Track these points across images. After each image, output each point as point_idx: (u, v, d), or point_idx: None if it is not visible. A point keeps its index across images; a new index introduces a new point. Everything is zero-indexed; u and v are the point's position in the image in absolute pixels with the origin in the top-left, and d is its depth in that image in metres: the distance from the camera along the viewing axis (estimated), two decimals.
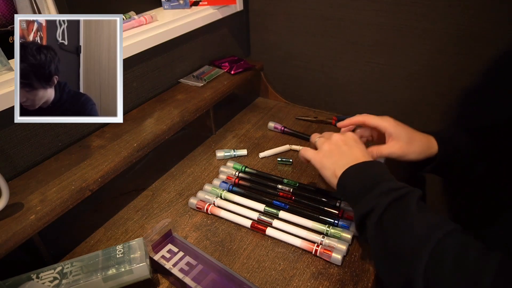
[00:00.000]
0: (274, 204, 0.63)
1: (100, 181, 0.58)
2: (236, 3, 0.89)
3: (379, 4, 0.80)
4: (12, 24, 0.60)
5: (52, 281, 0.46)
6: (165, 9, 0.85)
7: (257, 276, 0.52)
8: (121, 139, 0.66)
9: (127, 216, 0.65)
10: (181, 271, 0.51)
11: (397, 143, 0.54)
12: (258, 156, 0.78)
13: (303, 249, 0.56)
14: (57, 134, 0.64)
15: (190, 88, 0.84)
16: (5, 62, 0.54)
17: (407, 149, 0.54)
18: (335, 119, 0.87)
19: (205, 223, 0.62)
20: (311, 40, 0.95)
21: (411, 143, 0.54)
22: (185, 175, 0.73)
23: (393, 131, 0.54)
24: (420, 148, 0.54)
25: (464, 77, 0.78)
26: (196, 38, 0.88)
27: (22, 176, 0.59)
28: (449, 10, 0.73)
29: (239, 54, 1.04)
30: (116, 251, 0.50)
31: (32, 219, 0.50)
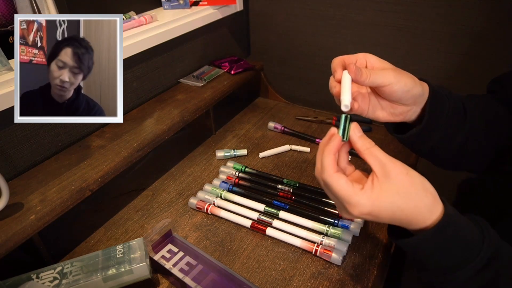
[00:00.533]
0: (274, 204, 0.63)
1: (100, 181, 0.58)
2: (236, 3, 0.89)
3: (379, 4, 0.80)
4: (12, 24, 0.60)
5: (52, 281, 0.46)
6: (165, 9, 0.85)
7: (257, 276, 0.52)
8: (121, 139, 0.66)
9: (127, 216, 0.65)
10: (181, 271, 0.51)
11: (388, 69, 0.45)
12: (258, 156, 0.78)
13: (303, 249, 0.56)
14: (57, 134, 0.64)
15: (190, 88, 0.84)
16: (5, 62, 0.54)
17: (399, 76, 0.44)
18: (335, 119, 0.87)
19: (205, 223, 0.62)
20: (311, 40, 0.95)
21: (400, 73, 0.45)
22: (185, 175, 0.74)
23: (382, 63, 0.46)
24: (410, 80, 0.45)
25: (464, 77, 0.78)
26: (196, 38, 0.88)
27: (22, 176, 0.59)
28: (449, 10, 0.74)
29: (239, 54, 1.04)
30: (116, 251, 0.50)
31: (32, 219, 0.50)
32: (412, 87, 0.45)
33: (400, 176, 0.38)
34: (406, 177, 0.38)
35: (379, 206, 0.38)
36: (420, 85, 0.46)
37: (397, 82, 0.44)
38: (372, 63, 0.46)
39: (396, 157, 0.39)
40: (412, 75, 0.46)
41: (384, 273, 0.56)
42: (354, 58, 0.46)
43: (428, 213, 0.38)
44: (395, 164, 0.38)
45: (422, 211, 0.38)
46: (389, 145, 0.78)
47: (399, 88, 0.44)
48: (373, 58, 0.46)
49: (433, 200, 0.39)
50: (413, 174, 0.38)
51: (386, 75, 0.44)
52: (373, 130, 0.84)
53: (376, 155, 0.38)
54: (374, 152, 0.39)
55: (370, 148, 0.39)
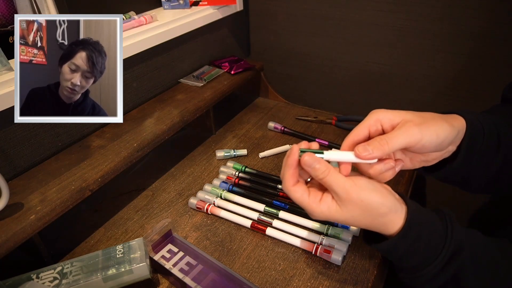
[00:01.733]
0: (274, 204, 0.63)
1: (100, 181, 0.59)
2: (236, 3, 0.89)
3: (379, 4, 0.80)
4: (12, 24, 0.60)
5: (52, 281, 0.46)
6: (165, 9, 0.85)
7: (257, 276, 0.52)
8: (121, 139, 0.66)
9: (127, 216, 0.65)
10: (181, 271, 0.51)
11: (409, 124, 0.38)
12: (258, 156, 0.78)
13: (303, 249, 0.56)
14: (57, 134, 0.64)
15: (190, 88, 0.84)
16: (5, 62, 0.54)
17: (424, 128, 0.38)
18: (335, 119, 0.87)
19: (205, 223, 0.62)
20: (311, 40, 0.95)
21: (426, 121, 0.38)
22: (185, 175, 0.74)
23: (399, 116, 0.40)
24: (441, 128, 0.38)
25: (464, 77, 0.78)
26: (196, 38, 0.88)
27: (22, 176, 0.59)
28: (449, 10, 0.74)
29: (239, 54, 1.04)
30: (116, 251, 0.50)
31: (32, 219, 0.50)
32: (447, 134, 0.39)
33: (353, 205, 0.39)
34: (360, 204, 0.39)
35: (336, 217, 0.41)
36: (453, 126, 0.40)
37: (425, 136, 0.38)
38: (389, 122, 0.40)
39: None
40: (441, 116, 0.40)
41: (384, 273, 0.56)
42: (365, 130, 0.40)
43: (390, 224, 0.40)
44: (348, 193, 0.39)
45: (381, 225, 0.41)
46: None
47: (430, 142, 0.38)
48: (386, 117, 0.40)
49: (393, 212, 0.40)
50: (368, 199, 0.39)
51: (408, 134, 0.37)
52: None
53: (330, 184, 0.39)
54: (328, 182, 0.39)
55: (324, 178, 0.39)
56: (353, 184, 0.39)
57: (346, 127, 0.85)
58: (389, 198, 0.40)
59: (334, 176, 0.39)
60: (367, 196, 0.39)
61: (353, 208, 0.39)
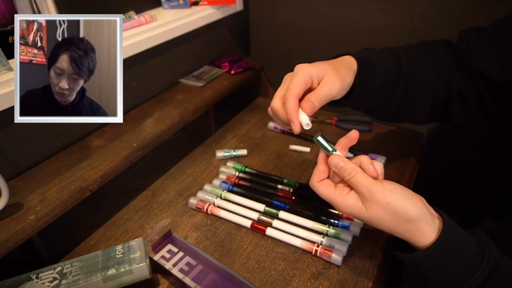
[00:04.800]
0: (274, 204, 0.63)
1: (100, 181, 0.58)
2: (236, 3, 0.89)
3: (379, 4, 0.80)
4: (12, 24, 0.60)
5: (51, 281, 0.46)
6: (165, 9, 0.85)
7: (257, 276, 0.52)
8: (121, 139, 0.66)
9: (127, 216, 0.64)
10: (181, 271, 0.51)
11: (330, 76, 0.47)
12: (258, 156, 0.77)
13: (303, 249, 0.56)
14: (57, 134, 0.64)
15: (190, 88, 0.84)
16: (5, 62, 0.54)
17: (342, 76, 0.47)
18: (335, 119, 0.87)
19: (205, 223, 0.62)
20: (311, 40, 0.95)
21: (339, 72, 0.47)
22: (185, 175, 0.73)
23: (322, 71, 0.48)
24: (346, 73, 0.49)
25: None
26: (196, 38, 0.88)
27: (22, 176, 0.59)
28: (449, 10, 0.74)
29: (239, 54, 1.04)
30: (116, 251, 0.50)
31: (31, 219, 0.50)
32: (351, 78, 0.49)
33: (378, 207, 0.40)
34: (386, 207, 0.40)
35: (360, 216, 0.42)
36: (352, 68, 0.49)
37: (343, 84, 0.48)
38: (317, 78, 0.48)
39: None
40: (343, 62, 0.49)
41: (384, 273, 0.56)
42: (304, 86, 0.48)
43: (418, 233, 0.40)
44: (373, 194, 0.40)
45: (407, 231, 0.41)
46: (391, 146, 0.78)
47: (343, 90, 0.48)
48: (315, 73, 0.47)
49: (424, 222, 0.40)
50: (394, 202, 0.40)
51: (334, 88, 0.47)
52: (373, 130, 0.84)
53: (355, 185, 0.42)
54: (354, 183, 0.42)
55: (351, 179, 0.42)
56: (380, 186, 0.40)
57: (346, 127, 0.85)
58: (420, 206, 0.40)
59: (360, 177, 0.41)
60: (395, 199, 0.40)
61: (378, 209, 0.40)
